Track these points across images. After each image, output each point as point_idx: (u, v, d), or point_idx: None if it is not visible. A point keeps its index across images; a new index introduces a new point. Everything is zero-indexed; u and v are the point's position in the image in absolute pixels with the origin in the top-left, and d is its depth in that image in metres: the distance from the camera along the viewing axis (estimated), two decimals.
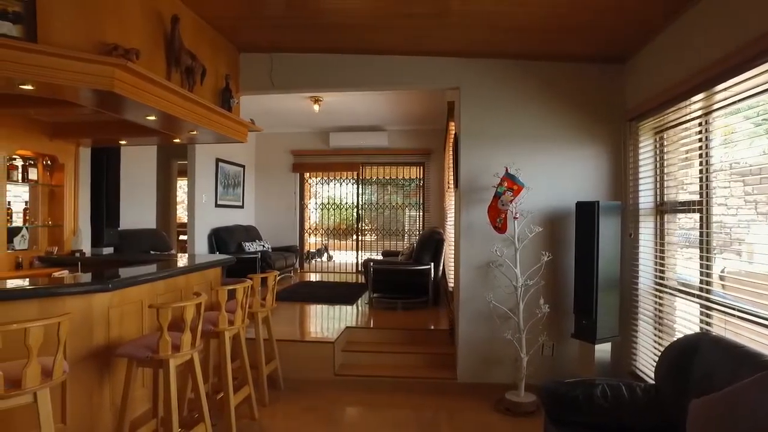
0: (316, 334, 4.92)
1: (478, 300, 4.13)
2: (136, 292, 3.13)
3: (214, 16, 3.68)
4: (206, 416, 2.89)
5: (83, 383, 2.77)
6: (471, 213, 4.17)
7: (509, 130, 4.15)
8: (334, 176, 9.79)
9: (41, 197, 4.46)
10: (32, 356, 2.11)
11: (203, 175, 7.49)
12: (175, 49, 3.20)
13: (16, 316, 2.53)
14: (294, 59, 4.36)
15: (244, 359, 3.53)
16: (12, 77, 2.44)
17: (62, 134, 4.31)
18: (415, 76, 4.33)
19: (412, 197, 9.87)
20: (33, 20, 2.44)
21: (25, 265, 4.15)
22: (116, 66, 2.61)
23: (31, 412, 2.36)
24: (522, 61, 4.17)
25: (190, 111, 3.35)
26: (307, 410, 3.79)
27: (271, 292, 3.93)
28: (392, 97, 6.89)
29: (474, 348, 4.18)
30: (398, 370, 4.41)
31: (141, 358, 2.59)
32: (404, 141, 9.28)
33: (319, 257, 9.94)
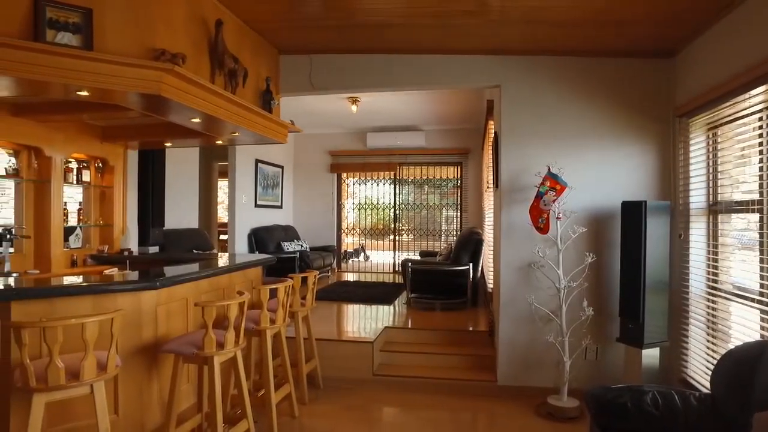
0: (355, 334, 4.94)
1: (518, 301, 4.05)
2: (182, 290, 3.22)
3: (255, 19, 3.74)
4: (249, 413, 2.94)
5: (133, 377, 2.87)
6: (512, 213, 4.10)
7: (551, 129, 4.06)
8: (371, 176, 9.82)
9: (93, 198, 4.66)
10: (89, 350, 2.20)
11: (243, 175, 7.65)
12: (219, 53, 3.28)
13: (73, 311, 2.65)
14: (332, 60, 4.39)
15: (284, 358, 3.57)
16: (71, 84, 2.55)
17: (112, 137, 4.49)
18: (454, 75, 4.29)
19: (449, 197, 9.79)
20: (90, 30, 2.54)
21: (79, 262, 4.33)
22: (164, 70, 2.68)
23: (88, 403, 2.46)
24: (565, 57, 4.06)
25: (232, 113, 3.43)
26: (345, 409, 3.81)
27: (311, 291, 3.97)
28: (429, 96, 6.86)
29: (515, 350, 4.11)
30: (436, 371, 4.38)
31: (187, 354, 2.66)
32: (441, 140, 9.22)
33: (355, 257, 10.00)
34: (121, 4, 2.68)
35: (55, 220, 4.02)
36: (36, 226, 3.98)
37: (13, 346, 2.44)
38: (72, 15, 2.51)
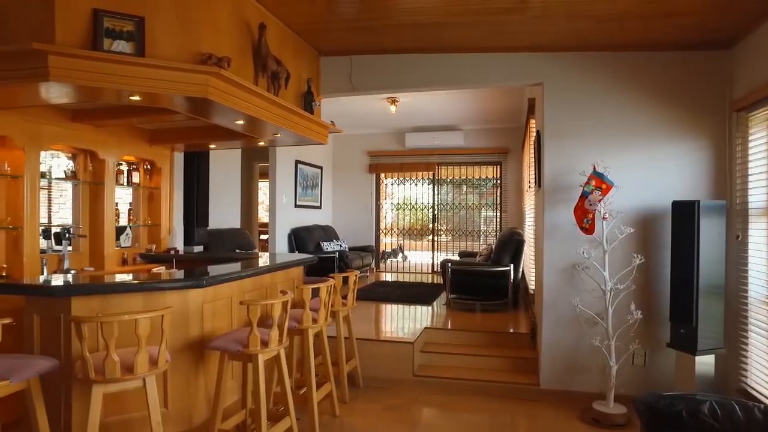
0: (395, 334, 4.93)
1: (562, 303, 3.95)
2: (227, 288, 3.29)
3: (297, 22, 3.80)
4: (291, 410, 2.99)
5: (181, 372, 2.96)
6: (555, 213, 4.00)
7: (597, 126, 3.94)
8: (410, 176, 9.81)
9: (142, 199, 4.83)
10: (142, 345, 2.28)
11: (283, 176, 7.78)
12: (262, 56, 3.34)
13: (126, 307, 2.75)
14: (372, 61, 4.41)
15: (326, 357, 3.61)
16: (124, 89, 2.65)
17: (159, 140, 4.64)
18: (495, 73, 4.23)
19: (488, 197, 9.67)
20: (142, 37, 2.64)
21: (129, 260, 4.50)
22: (210, 74, 2.75)
23: (140, 396, 2.56)
24: (611, 52, 3.94)
25: (275, 114, 3.48)
26: (386, 409, 3.82)
27: (352, 291, 3.99)
28: (468, 95, 6.79)
29: (558, 353, 4.01)
30: (477, 373, 4.33)
31: (232, 351, 2.72)
32: (481, 140, 9.11)
33: (394, 257, 10.00)
34: (171, 11, 2.77)
35: (108, 220, 4.19)
36: (91, 226, 4.16)
37: (74, 339, 2.56)
38: (126, 24, 2.61)
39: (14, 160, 3.47)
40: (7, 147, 3.45)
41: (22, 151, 3.46)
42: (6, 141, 3.43)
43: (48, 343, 2.73)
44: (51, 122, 3.64)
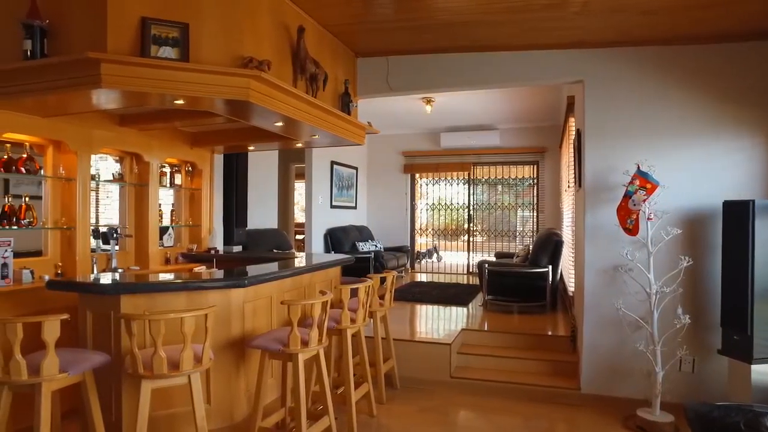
0: (431, 335, 4.91)
1: (604, 306, 3.85)
2: (267, 288, 3.35)
3: (334, 24, 3.83)
4: (330, 410, 3.01)
5: (223, 370, 3.03)
6: (596, 213, 3.90)
7: (641, 124, 3.81)
8: (444, 176, 9.76)
9: (184, 200, 4.97)
10: (187, 342, 2.34)
11: (319, 177, 7.86)
12: (301, 58, 3.38)
13: (171, 305, 2.84)
14: (409, 61, 4.40)
15: (363, 357, 3.62)
16: (170, 94, 2.73)
17: (200, 143, 4.76)
18: (533, 71, 4.15)
19: (524, 197, 9.52)
20: (186, 42, 2.72)
21: (172, 260, 4.64)
22: (251, 77, 2.81)
23: (184, 392, 2.63)
24: (656, 47, 3.81)
25: (314, 116, 3.52)
26: (423, 411, 3.80)
27: (390, 291, 3.99)
28: (505, 94, 6.70)
29: (600, 357, 3.90)
30: (515, 376, 4.26)
31: (273, 350, 2.76)
32: (517, 139, 8.99)
33: (429, 258, 9.96)
34: (214, 17, 2.84)
35: (152, 221, 4.33)
36: (136, 226, 4.31)
37: (124, 335, 2.66)
38: (172, 30, 2.69)
39: (68, 164, 3.63)
40: (62, 151, 3.62)
41: (75, 155, 3.61)
42: (61, 146, 3.59)
43: (100, 338, 2.85)
44: (101, 127, 3.79)
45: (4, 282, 3.12)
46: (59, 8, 2.71)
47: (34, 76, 2.70)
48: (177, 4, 2.76)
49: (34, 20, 2.65)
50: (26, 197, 3.46)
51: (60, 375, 2.30)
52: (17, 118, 3.23)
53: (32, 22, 2.65)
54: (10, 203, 3.38)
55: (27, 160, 3.39)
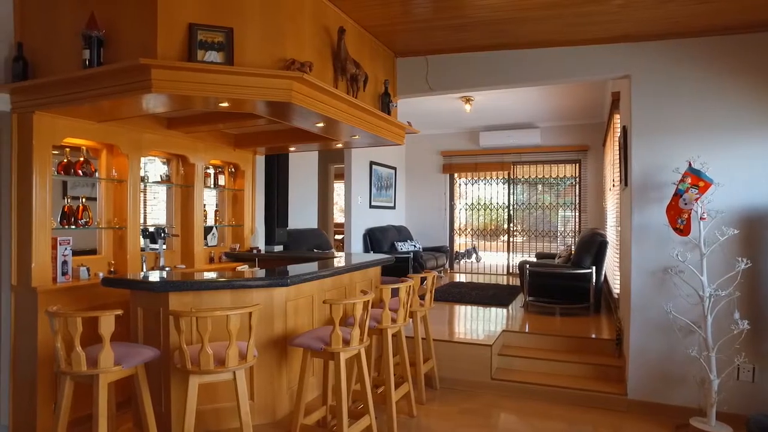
0: (471, 336, 4.86)
1: (652, 309, 3.71)
2: (308, 287, 3.40)
3: (373, 24, 3.85)
4: (371, 409, 3.02)
5: (266, 367, 3.09)
6: (644, 213, 3.76)
7: (693, 119, 3.65)
8: (484, 176, 9.65)
9: (227, 200, 5.09)
10: (233, 339, 2.40)
11: (358, 177, 7.91)
12: (342, 59, 3.41)
13: (216, 302, 2.93)
14: (448, 60, 4.37)
15: (404, 357, 3.62)
16: (215, 97, 2.81)
17: (243, 144, 4.87)
18: (577, 67, 4.04)
19: (565, 196, 9.30)
20: (231, 46, 2.79)
21: (216, 259, 4.76)
22: (294, 79, 2.85)
23: (228, 387, 2.70)
24: (709, 37, 3.64)
25: (355, 116, 3.55)
26: (463, 412, 3.77)
27: (430, 291, 3.98)
28: (546, 91, 6.56)
29: (648, 362, 3.76)
30: (557, 379, 4.16)
31: (315, 349, 2.79)
32: (558, 137, 8.79)
33: (467, 258, 9.87)
34: (257, 21, 2.90)
35: (197, 221, 4.46)
36: (182, 226, 4.45)
37: (172, 331, 2.75)
38: (217, 35, 2.77)
39: (120, 166, 3.78)
40: (114, 154, 3.78)
41: (126, 158, 3.76)
42: (113, 149, 3.75)
43: (150, 333, 2.96)
44: (150, 130, 3.93)
45: (65, 278, 3.29)
46: (114, 18, 2.84)
47: (91, 83, 2.83)
48: (222, 9, 2.83)
49: (92, 31, 2.78)
50: (83, 198, 3.63)
51: (115, 368, 2.40)
52: (75, 124, 3.40)
53: (90, 32, 2.78)
54: (69, 204, 3.55)
55: (84, 163, 3.56)
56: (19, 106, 3.19)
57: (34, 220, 3.19)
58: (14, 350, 3.25)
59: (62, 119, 3.31)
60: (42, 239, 3.22)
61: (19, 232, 3.23)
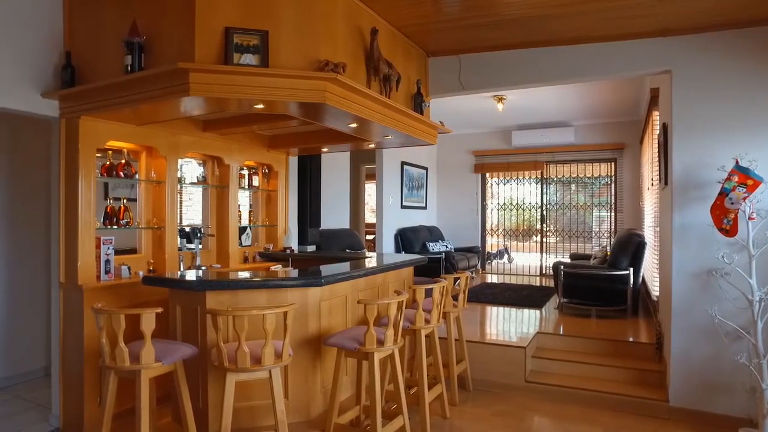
0: (504, 337, 4.79)
1: (696, 313, 3.58)
2: (342, 287, 3.42)
3: (405, 24, 3.84)
4: (404, 410, 3.01)
5: (300, 366, 3.11)
6: (686, 213, 3.63)
7: (739, 115, 3.51)
8: (516, 176, 9.52)
9: (261, 201, 5.17)
10: (268, 338, 2.43)
11: (390, 177, 7.92)
12: (374, 59, 3.41)
13: (251, 302, 2.97)
14: (481, 58, 4.33)
15: (437, 358, 3.60)
16: (251, 99, 2.85)
17: (276, 145, 4.94)
18: (614, 63, 3.94)
19: (600, 196, 9.08)
20: (266, 49, 2.82)
21: (250, 258, 4.84)
22: (328, 80, 2.87)
23: (263, 386, 2.74)
24: (756, 28, 3.48)
25: (388, 117, 3.55)
26: (496, 414, 3.72)
27: (463, 292, 3.94)
28: (580, 89, 6.42)
29: (692, 368, 3.63)
30: (594, 383, 4.07)
31: (349, 348, 2.80)
32: (593, 136, 8.60)
33: (499, 259, 9.75)
34: (291, 23, 2.93)
35: (232, 221, 4.54)
36: (217, 226, 4.54)
37: (209, 329, 2.81)
38: (253, 38, 2.81)
39: (158, 168, 3.89)
40: (153, 156, 3.88)
41: (164, 160, 3.86)
42: (152, 151, 3.86)
43: (187, 330, 3.03)
44: (186, 133, 4.03)
45: (107, 277, 3.40)
46: (154, 25, 2.92)
47: (132, 88, 2.92)
48: (257, 13, 2.87)
49: (134, 38, 2.87)
50: (124, 199, 3.75)
51: (156, 364, 2.47)
52: (117, 127, 3.51)
53: (132, 39, 2.87)
54: (111, 205, 3.67)
55: (125, 165, 3.68)
56: (67, 112, 3.32)
57: (80, 220, 3.31)
58: (63, 345, 3.39)
59: (105, 123, 3.42)
60: (87, 239, 3.34)
61: (66, 231, 3.36)
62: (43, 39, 3.32)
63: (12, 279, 4.33)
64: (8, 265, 4.31)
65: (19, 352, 4.35)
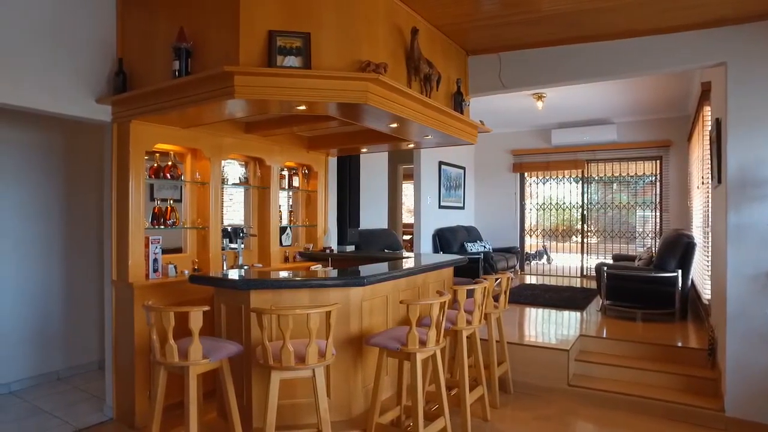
0: (545, 339, 4.70)
1: (754, 318, 3.41)
2: (383, 287, 3.42)
3: (445, 23, 3.81)
4: (446, 411, 2.99)
5: (342, 365, 3.13)
6: (742, 212, 3.47)
7: None
8: (555, 175, 9.32)
9: (301, 201, 5.24)
10: (312, 337, 2.46)
11: (427, 177, 7.88)
12: (415, 59, 3.40)
13: (294, 301, 3.01)
14: (522, 56, 4.25)
15: (478, 359, 3.55)
16: (294, 100, 2.89)
17: (316, 146, 4.99)
18: (663, 58, 3.80)
19: (644, 195, 8.78)
20: (308, 51, 2.86)
21: (290, 258, 4.91)
22: (369, 80, 2.87)
23: (306, 384, 2.76)
24: None
25: (429, 116, 3.53)
26: (539, 419, 3.65)
27: (504, 293, 3.89)
28: (624, 85, 6.21)
29: (751, 377, 3.45)
30: (641, 389, 3.93)
31: (391, 349, 2.80)
32: (636, 133, 8.33)
33: (538, 259, 9.57)
34: (333, 25, 2.95)
35: (273, 221, 4.62)
36: (258, 226, 4.63)
37: (253, 327, 2.86)
38: (295, 41, 2.85)
39: (202, 169, 3.99)
40: (198, 158, 3.99)
41: (208, 161, 3.96)
42: (197, 153, 3.96)
43: (232, 328, 3.10)
44: (229, 135, 4.12)
45: (155, 275, 3.52)
46: (200, 30, 3.00)
47: (179, 92, 3.01)
48: (299, 15, 2.91)
49: (181, 43, 2.96)
50: (170, 200, 3.86)
51: (203, 360, 2.53)
52: (164, 131, 3.63)
53: (180, 45, 2.96)
54: (158, 206, 3.79)
55: (172, 167, 3.79)
56: (119, 116, 3.46)
57: (131, 220, 3.43)
58: (115, 340, 3.53)
59: (153, 126, 3.54)
60: (137, 238, 3.46)
61: (117, 231, 3.49)
62: (98, 48, 3.46)
63: (69, 276, 4.54)
64: (65, 263, 4.52)
65: (76, 346, 4.57)
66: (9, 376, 4.11)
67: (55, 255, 4.45)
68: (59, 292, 4.47)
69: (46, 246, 4.39)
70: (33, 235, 4.30)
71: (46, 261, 4.39)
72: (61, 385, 4.30)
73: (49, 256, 4.40)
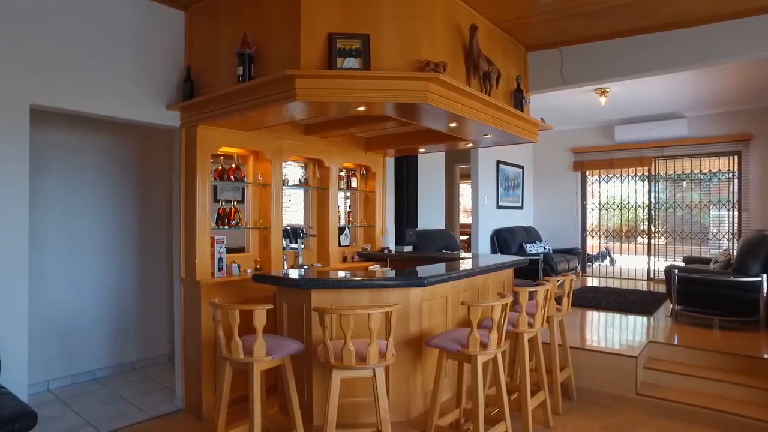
0: (610, 345, 4.49)
1: None
2: (443, 288, 3.39)
3: (504, 19, 3.74)
4: (507, 415, 2.92)
5: (402, 366, 3.13)
6: None
7: None
8: (619, 173, 8.91)
9: (359, 202, 5.29)
10: (373, 337, 2.47)
11: (485, 177, 7.76)
12: (474, 57, 3.35)
13: (354, 301, 3.04)
14: (584, 50, 4.11)
15: (540, 364, 3.45)
16: (353, 101, 2.92)
17: (373, 147, 5.02)
18: (737, 45, 3.56)
19: (720, 193, 8.21)
20: (367, 52, 2.88)
21: (348, 258, 4.97)
22: (429, 80, 2.86)
23: (365, 383, 2.78)
24: None
25: (489, 115, 3.47)
26: (605, 428, 3.49)
27: (567, 296, 3.75)
28: (695, 76, 5.84)
29: None
30: (717, 402, 3.67)
31: (451, 350, 2.77)
32: (710, 127, 7.82)
33: (600, 261, 9.19)
34: (392, 25, 2.96)
35: (332, 222, 4.69)
36: (318, 227, 4.71)
37: (315, 326, 2.91)
38: (354, 42, 2.87)
39: (264, 171, 4.11)
40: (259, 160, 4.11)
41: (270, 163, 4.07)
42: (259, 155, 4.09)
43: (293, 327, 3.17)
44: (289, 137, 4.22)
45: (220, 273, 3.66)
46: (263, 36, 3.09)
47: (243, 96, 3.11)
48: (358, 17, 2.93)
49: (245, 49, 3.06)
50: (234, 201, 4.00)
51: (266, 357, 2.60)
52: (228, 134, 3.77)
53: (243, 50, 3.06)
54: (223, 207, 3.94)
55: (235, 170, 3.93)
56: (186, 122, 3.62)
57: (198, 221, 3.59)
58: (184, 334, 3.70)
59: (218, 130, 3.68)
60: (203, 238, 3.61)
61: (185, 231, 3.66)
62: (168, 57, 3.65)
63: (142, 273, 4.82)
64: (139, 261, 4.80)
65: (148, 339, 4.84)
66: (93, 364, 4.46)
67: (130, 255, 4.73)
68: (134, 289, 4.75)
69: (123, 246, 4.68)
70: (111, 237, 4.60)
71: (123, 260, 4.68)
72: (136, 375, 4.59)
73: (124, 256, 4.69)
